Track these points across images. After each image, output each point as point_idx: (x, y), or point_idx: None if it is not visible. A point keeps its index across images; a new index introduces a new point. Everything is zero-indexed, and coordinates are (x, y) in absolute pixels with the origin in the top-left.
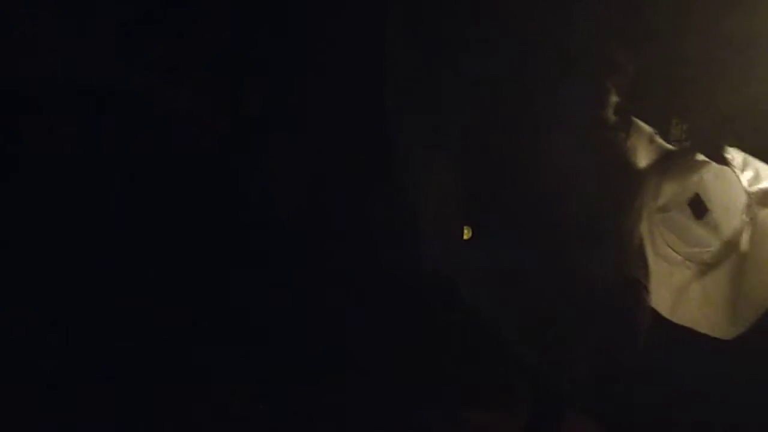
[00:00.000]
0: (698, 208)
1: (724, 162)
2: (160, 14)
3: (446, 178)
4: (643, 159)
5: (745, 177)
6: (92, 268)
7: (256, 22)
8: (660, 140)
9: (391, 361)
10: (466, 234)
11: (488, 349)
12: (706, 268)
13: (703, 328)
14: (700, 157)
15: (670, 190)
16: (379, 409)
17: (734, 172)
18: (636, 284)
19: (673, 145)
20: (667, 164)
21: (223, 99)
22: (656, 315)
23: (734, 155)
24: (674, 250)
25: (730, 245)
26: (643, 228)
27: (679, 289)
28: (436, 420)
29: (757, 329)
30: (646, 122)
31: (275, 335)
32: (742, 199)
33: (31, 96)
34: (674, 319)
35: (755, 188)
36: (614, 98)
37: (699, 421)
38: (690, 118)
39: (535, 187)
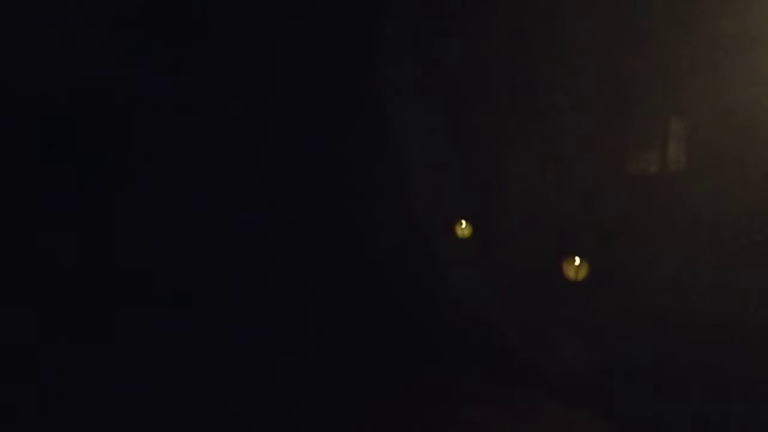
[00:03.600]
0: None
1: None
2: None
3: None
4: None
5: None
6: (91, 266)
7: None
8: None
9: (390, 361)
10: (467, 232)
11: (488, 349)
12: None
13: None
14: None
15: None
16: (379, 409)
17: None
18: None
19: (673, 143)
20: None
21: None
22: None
23: None
24: None
25: None
26: None
27: None
28: (436, 420)
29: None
30: (645, 122)
31: (273, 335)
32: None
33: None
34: None
35: None
36: None
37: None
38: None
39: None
